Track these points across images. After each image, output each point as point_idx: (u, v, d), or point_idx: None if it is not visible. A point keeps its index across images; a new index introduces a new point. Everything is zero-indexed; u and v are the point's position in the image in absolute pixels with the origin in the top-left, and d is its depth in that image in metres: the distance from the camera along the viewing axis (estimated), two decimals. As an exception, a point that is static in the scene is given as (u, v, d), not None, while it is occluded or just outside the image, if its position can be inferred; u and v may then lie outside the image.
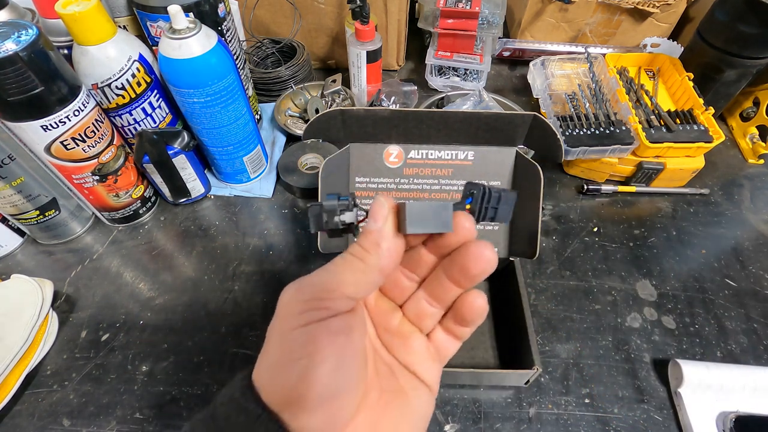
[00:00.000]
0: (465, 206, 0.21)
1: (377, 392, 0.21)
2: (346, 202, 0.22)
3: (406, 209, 0.19)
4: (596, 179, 0.61)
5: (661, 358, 0.45)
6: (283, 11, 0.70)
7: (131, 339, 0.47)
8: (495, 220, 0.22)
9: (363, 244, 0.20)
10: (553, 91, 0.64)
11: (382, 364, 0.23)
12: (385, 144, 0.45)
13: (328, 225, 0.22)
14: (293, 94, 0.69)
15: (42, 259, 0.54)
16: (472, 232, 0.21)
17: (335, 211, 0.22)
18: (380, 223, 0.20)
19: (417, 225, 0.20)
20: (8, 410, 0.42)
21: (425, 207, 0.20)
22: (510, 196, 0.22)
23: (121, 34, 0.45)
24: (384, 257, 0.20)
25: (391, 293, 0.25)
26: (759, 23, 0.53)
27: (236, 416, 0.18)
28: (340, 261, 0.20)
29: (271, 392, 0.18)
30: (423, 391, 0.22)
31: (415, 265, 0.23)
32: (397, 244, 0.20)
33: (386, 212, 0.20)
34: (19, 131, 0.43)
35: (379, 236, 0.20)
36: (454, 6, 0.65)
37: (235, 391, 0.19)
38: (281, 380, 0.18)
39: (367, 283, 0.20)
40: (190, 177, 0.55)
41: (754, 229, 0.57)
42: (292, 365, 0.18)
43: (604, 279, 0.51)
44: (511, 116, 0.41)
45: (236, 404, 0.19)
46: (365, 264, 0.19)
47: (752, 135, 0.64)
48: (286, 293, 0.19)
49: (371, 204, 0.21)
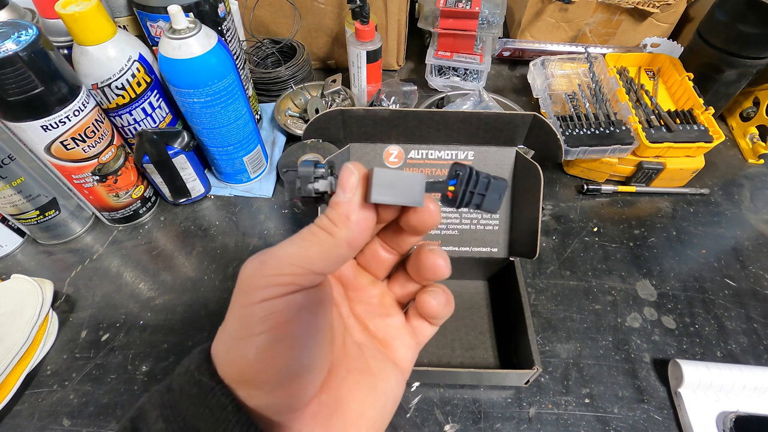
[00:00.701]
0: (447, 187, 0.19)
1: (344, 371, 0.21)
2: (322, 169, 0.20)
3: (374, 175, 0.18)
4: (596, 179, 0.61)
5: (661, 358, 0.45)
6: (283, 11, 0.70)
7: (131, 339, 0.47)
8: (480, 208, 0.20)
9: (331, 217, 0.18)
10: (553, 91, 0.64)
11: (351, 343, 0.22)
12: (385, 144, 0.45)
13: (301, 192, 0.20)
14: (293, 94, 0.69)
15: (42, 259, 0.54)
16: (434, 215, 0.20)
17: (309, 178, 0.20)
18: (349, 194, 0.18)
19: (383, 194, 0.18)
20: (8, 410, 0.42)
21: (395, 176, 0.18)
22: (500, 184, 0.19)
23: (121, 34, 0.45)
24: (353, 231, 0.18)
25: (370, 266, 0.24)
26: (759, 23, 0.53)
27: (189, 388, 0.18)
28: (306, 234, 0.18)
29: (226, 367, 0.18)
30: (392, 372, 0.22)
31: (394, 240, 0.23)
32: (366, 217, 0.19)
33: (355, 181, 0.18)
34: (19, 131, 0.43)
35: (348, 208, 0.18)
36: (454, 6, 0.65)
37: (191, 363, 0.18)
38: (237, 355, 0.17)
39: (335, 258, 0.18)
40: (190, 177, 0.55)
41: (754, 229, 0.57)
42: (249, 341, 0.17)
43: (604, 279, 0.51)
44: (511, 116, 0.41)
45: (191, 376, 0.18)
46: (333, 238, 0.18)
47: (752, 135, 0.64)
48: (247, 266, 0.18)
49: (340, 172, 0.19)
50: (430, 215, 0.20)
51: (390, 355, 0.23)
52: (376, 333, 0.23)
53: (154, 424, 0.18)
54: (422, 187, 0.19)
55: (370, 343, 0.23)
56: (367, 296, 0.24)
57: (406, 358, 0.23)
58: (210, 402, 0.17)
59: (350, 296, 0.24)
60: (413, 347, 0.23)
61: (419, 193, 0.19)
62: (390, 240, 0.23)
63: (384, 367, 0.22)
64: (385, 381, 0.21)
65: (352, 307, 0.24)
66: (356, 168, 0.19)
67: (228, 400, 0.17)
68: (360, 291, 0.24)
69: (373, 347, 0.22)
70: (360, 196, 0.19)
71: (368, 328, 0.23)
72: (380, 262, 0.24)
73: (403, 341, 0.23)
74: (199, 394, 0.17)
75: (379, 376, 0.21)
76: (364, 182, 0.19)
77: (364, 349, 0.22)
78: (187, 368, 0.18)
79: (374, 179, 0.18)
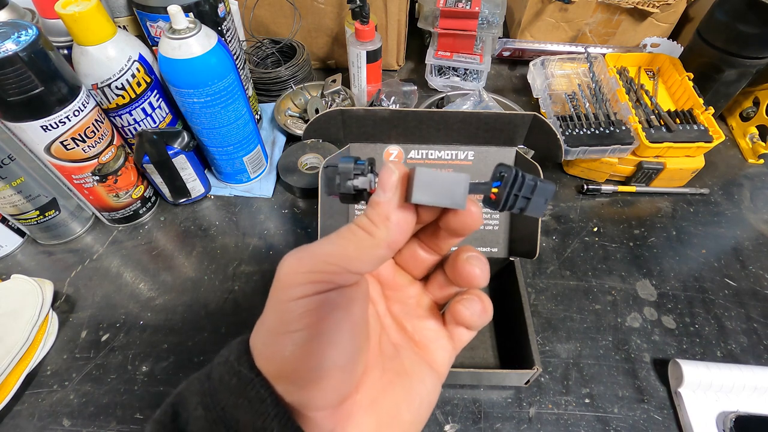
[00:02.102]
0: (491, 189, 0.19)
1: (379, 371, 0.20)
2: (362, 166, 0.20)
3: (415, 175, 0.17)
4: (596, 179, 0.61)
5: (661, 358, 0.45)
6: (283, 11, 0.70)
7: (131, 339, 0.47)
8: (525, 212, 0.19)
9: (370, 216, 0.18)
10: (553, 91, 0.64)
11: (388, 344, 0.22)
12: (385, 144, 0.45)
13: (339, 188, 0.20)
14: (293, 94, 0.69)
15: (42, 259, 0.54)
16: (476, 218, 0.19)
17: (349, 174, 0.20)
18: (389, 194, 0.18)
19: (424, 194, 0.17)
20: (8, 410, 0.42)
21: (437, 176, 0.17)
22: (547, 187, 0.19)
23: (121, 34, 0.45)
24: (392, 231, 0.18)
25: (408, 266, 0.24)
26: (759, 23, 0.53)
27: (229, 378, 0.18)
28: (345, 232, 0.18)
29: (263, 361, 0.18)
30: (428, 375, 0.21)
31: (433, 241, 0.22)
32: (407, 218, 0.18)
33: (395, 181, 0.18)
34: (19, 131, 0.43)
35: (387, 208, 0.18)
36: (454, 6, 0.65)
37: (231, 353, 0.19)
38: (274, 351, 0.18)
39: (373, 258, 0.18)
40: (190, 177, 0.55)
41: (754, 229, 0.57)
42: (286, 337, 0.17)
43: (604, 279, 0.51)
44: (511, 116, 0.41)
45: (230, 366, 0.18)
46: (372, 238, 0.18)
47: (752, 135, 0.64)
48: (285, 262, 0.18)
49: (380, 171, 0.19)
50: (471, 218, 0.19)
51: (426, 358, 0.22)
52: (413, 334, 0.23)
53: (194, 410, 0.18)
54: (465, 189, 0.18)
55: (407, 344, 0.22)
56: (404, 296, 0.24)
57: (443, 362, 0.22)
58: (249, 394, 0.17)
59: (387, 295, 0.24)
60: (450, 351, 0.23)
61: (462, 195, 0.18)
62: (429, 240, 0.22)
63: (420, 369, 0.21)
64: (421, 383, 0.21)
65: (389, 306, 0.23)
66: (397, 167, 0.19)
67: (267, 393, 0.17)
68: (398, 290, 0.24)
69: (410, 349, 0.22)
70: (400, 196, 0.18)
71: (405, 329, 0.23)
72: (419, 261, 0.23)
73: (440, 344, 0.22)
74: (239, 385, 0.17)
75: (415, 379, 0.21)
76: (405, 182, 0.18)
77: (401, 350, 0.22)
78: (227, 358, 0.19)
79: (416, 179, 0.17)
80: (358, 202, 0.21)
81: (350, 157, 0.20)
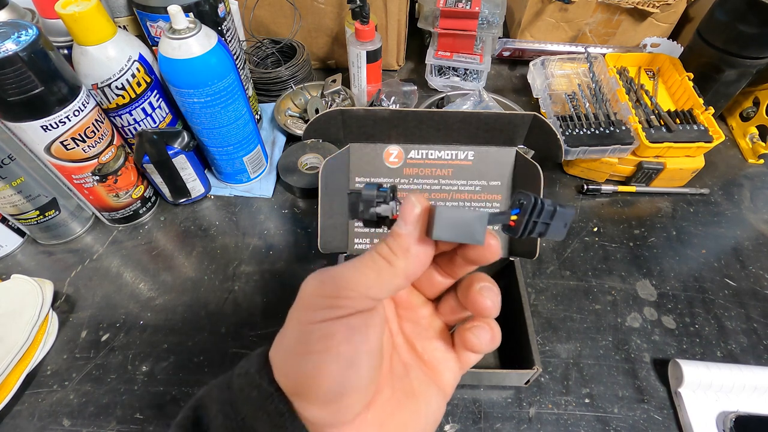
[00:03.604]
0: (510, 217, 0.19)
1: (389, 391, 0.21)
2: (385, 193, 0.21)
3: (436, 213, 0.18)
4: (596, 179, 0.61)
5: (661, 358, 0.45)
6: (283, 11, 0.70)
7: (131, 339, 0.47)
8: (545, 236, 0.19)
9: (391, 246, 0.19)
10: (553, 91, 0.64)
11: (398, 363, 0.23)
12: (385, 144, 0.45)
13: (363, 215, 0.21)
14: (293, 94, 0.69)
15: (42, 259, 0.54)
16: (495, 253, 0.20)
17: (372, 202, 0.21)
18: (410, 227, 0.19)
19: (444, 232, 0.18)
20: (8, 410, 0.42)
21: (458, 215, 0.18)
22: (566, 212, 0.19)
23: (121, 34, 0.45)
24: (411, 263, 0.19)
25: (423, 287, 0.24)
26: (759, 23, 0.53)
27: (249, 390, 0.19)
28: (367, 259, 0.19)
29: (282, 377, 0.19)
30: (435, 394, 0.22)
31: (450, 266, 0.23)
32: (426, 252, 0.20)
33: (417, 215, 0.19)
34: (19, 131, 0.43)
35: (408, 241, 0.19)
36: (454, 6, 0.65)
37: (252, 365, 0.20)
38: (293, 369, 0.18)
39: (391, 286, 0.19)
40: (190, 177, 0.55)
41: (754, 229, 0.57)
42: (306, 357, 0.18)
43: (604, 279, 0.51)
44: (511, 116, 0.41)
45: (251, 379, 0.19)
46: (392, 267, 0.19)
47: (752, 135, 0.64)
48: (309, 284, 0.19)
49: (402, 203, 0.20)
50: (490, 252, 0.20)
51: (434, 378, 0.23)
52: (423, 354, 0.23)
53: (215, 418, 0.19)
54: (484, 226, 0.18)
55: (416, 365, 0.23)
56: (417, 316, 0.24)
57: (449, 382, 0.23)
58: (268, 407, 0.18)
59: (400, 314, 0.24)
60: (456, 372, 0.23)
61: (481, 232, 0.18)
62: (446, 266, 0.23)
63: (428, 390, 0.22)
64: (427, 404, 0.22)
65: (402, 325, 0.24)
66: (419, 201, 0.19)
67: (285, 407, 0.18)
68: (410, 310, 0.24)
69: (419, 369, 0.23)
70: (420, 229, 0.19)
71: (415, 348, 0.23)
72: (434, 284, 0.24)
73: (447, 365, 0.23)
74: (258, 397, 0.19)
75: (422, 399, 0.22)
76: (426, 216, 0.19)
77: (410, 370, 0.22)
78: (247, 370, 0.20)
79: (436, 218, 0.18)
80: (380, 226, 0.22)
81: (373, 184, 0.21)
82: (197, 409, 0.20)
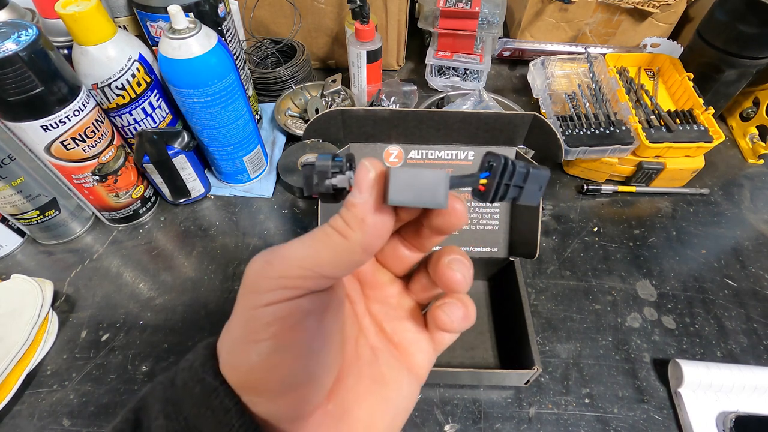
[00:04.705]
0: (479, 180, 0.17)
1: (354, 378, 0.20)
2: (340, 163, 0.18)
3: (391, 175, 0.16)
4: (596, 179, 0.61)
5: (661, 358, 0.45)
6: (283, 11, 0.70)
7: (131, 339, 0.47)
8: (518, 201, 0.17)
9: (345, 218, 0.17)
10: (553, 91, 0.64)
11: (365, 347, 0.21)
12: (385, 144, 0.45)
13: (318, 188, 0.18)
14: (293, 94, 0.69)
15: (42, 259, 0.54)
16: (461, 217, 0.18)
17: (327, 173, 0.18)
18: (365, 195, 0.17)
19: (401, 196, 0.16)
20: (8, 410, 0.42)
21: (415, 175, 0.16)
22: (540, 174, 0.17)
23: (121, 34, 0.45)
24: (369, 234, 0.16)
25: (390, 263, 0.22)
26: (759, 23, 0.53)
27: (193, 386, 0.17)
28: (319, 234, 0.17)
29: (229, 370, 0.17)
30: (406, 379, 0.21)
31: (416, 238, 0.21)
32: (384, 221, 0.17)
33: (371, 180, 0.17)
34: (19, 131, 0.43)
35: (363, 210, 0.16)
36: (454, 6, 0.65)
37: (196, 359, 0.18)
38: (240, 360, 0.17)
39: (348, 262, 0.17)
40: (190, 177, 0.55)
41: (754, 229, 0.57)
42: (253, 346, 0.16)
43: (604, 279, 0.51)
44: (511, 116, 0.41)
45: (194, 372, 0.17)
46: (347, 241, 0.16)
47: (752, 135, 0.64)
48: (254, 265, 0.17)
49: (356, 169, 0.17)
50: (456, 217, 0.18)
51: (405, 362, 0.21)
52: (392, 336, 0.22)
53: (156, 419, 0.17)
54: (446, 187, 0.16)
55: (385, 348, 0.21)
56: (384, 295, 0.23)
57: (423, 365, 0.21)
58: (213, 403, 0.16)
59: (367, 294, 0.23)
60: (430, 353, 0.22)
61: (443, 194, 0.16)
62: (412, 238, 0.21)
63: (398, 374, 0.21)
64: (398, 390, 0.20)
65: (369, 306, 0.22)
66: (373, 165, 0.17)
67: (231, 402, 0.16)
68: (378, 289, 0.23)
69: (388, 352, 0.21)
70: (377, 196, 0.17)
71: (384, 330, 0.22)
72: (401, 260, 0.22)
73: (420, 347, 0.22)
74: (202, 393, 0.17)
75: (392, 385, 0.20)
76: (382, 181, 0.17)
77: (378, 354, 0.21)
78: (191, 364, 0.18)
79: (391, 180, 0.16)
80: (339, 201, 0.19)
81: (328, 154, 0.19)
82: (138, 411, 0.18)
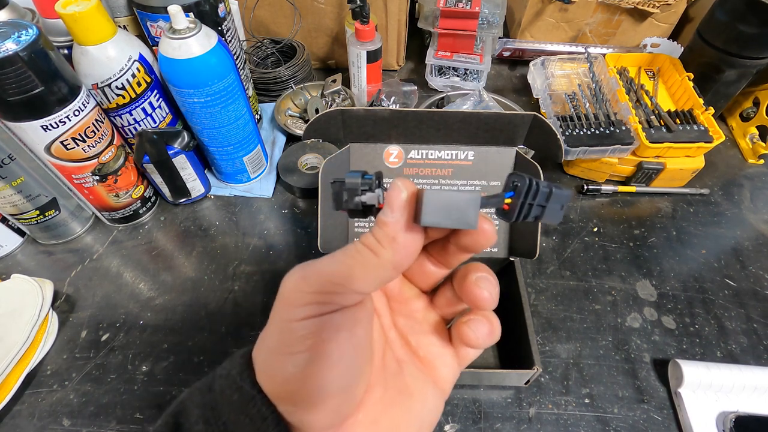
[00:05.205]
0: (504, 200, 0.18)
1: (381, 389, 0.20)
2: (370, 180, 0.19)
3: (424, 197, 0.17)
4: (596, 179, 0.61)
5: (661, 358, 0.45)
6: (283, 11, 0.70)
7: (131, 339, 0.47)
8: (541, 219, 0.18)
9: (377, 236, 0.18)
10: (553, 91, 0.64)
11: (391, 360, 0.21)
12: (385, 144, 0.45)
13: (347, 204, 0.19)
14: (293, 94, 0.69)
15: (42, 259, 0.54)
16: (489, 237, 0.19)
17: (356, 190, 0.19)
18: (397, 214, 0.17)
19: (434, 217, 0.17)
20: (8, 410, 0.42)
21: (447, 198, 0.17)
22: (562, 193, 0.18)
23: (121, 34, 0.45)
24: (399, 253, 0.17)
25: (416, 279, 0.23)
26: (759, 23, 0.53)
27: (231, 393, 0.18)
28: (351, 251, 0.18)
29: (265, 379, 0.18)
30: (431, 392, 0.21)
31: (443, 255, 0.21)
32: (414, 240, 0.18)
33: (403, 200, 0.17)
34: (19, 131, 0.43)
35: (394, 229, 0.17)
36: (454, 6, 0.65)
37: (233, 367, 0.19)
38: (275, 370, 0.17)
39: (379, 278, 0.18)
40: (190, 177, 0.55)
41: (754, 229, 0.57)
42: (288, 358, 0.17)
43: (604, 279, 0.51)
44: (511, 116, 0.41)
45: (232, 381, 0.18)
46: (378, 258, 0.17)
47: (752, 135, 0.64)
48: (290, 279, 0.18)
49: (388, 188, 0.18)
50: (485, 237, 0.19)
51: (430, 375, 0.22)
52: (417, 350, 0.22)
53: (195, 424, 0.18)
54: (477, 209, 0.17)
55: (410, 361, 0.22)
56: (410, 309, 0.23)
57: (447, 378, 0.22)
58: (250, 411, 0.17)
59: (393, 308, 0.23)
60: (455, 368, 0.22)
61: (473, 216, 0.17)
62: (438, 254, 0.22)
63: (423, 387, 0.21)
64: (422, 402, 0.21)
65: (395, 320, 0.23)
66: (405, 186, 0.18)
67: (268, 411, 0.17)
68: (404, 303, 0.23)
69: (413, 365, 0.22)
70: (408, 216, 0.18)
71: (409, 344, 0.22)
72: (427, 275, 0.23)
73: (444, 361, 0.22)
74: (240, 401, 0.17)
75: (417, 397, 0.21)
76: (413, 201, 0.18)
77: (404, 367, 0.21)
78: (229, 372, 0.19)
79: (425, 202, 0.17)
80: (367, 216, 0.20)
81: (357, 171, 0.19)
82: (177, 415, 0.19)
